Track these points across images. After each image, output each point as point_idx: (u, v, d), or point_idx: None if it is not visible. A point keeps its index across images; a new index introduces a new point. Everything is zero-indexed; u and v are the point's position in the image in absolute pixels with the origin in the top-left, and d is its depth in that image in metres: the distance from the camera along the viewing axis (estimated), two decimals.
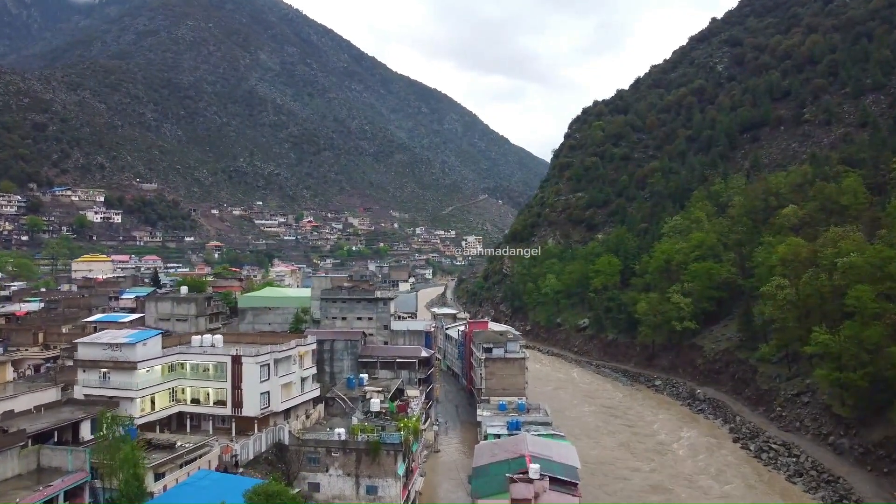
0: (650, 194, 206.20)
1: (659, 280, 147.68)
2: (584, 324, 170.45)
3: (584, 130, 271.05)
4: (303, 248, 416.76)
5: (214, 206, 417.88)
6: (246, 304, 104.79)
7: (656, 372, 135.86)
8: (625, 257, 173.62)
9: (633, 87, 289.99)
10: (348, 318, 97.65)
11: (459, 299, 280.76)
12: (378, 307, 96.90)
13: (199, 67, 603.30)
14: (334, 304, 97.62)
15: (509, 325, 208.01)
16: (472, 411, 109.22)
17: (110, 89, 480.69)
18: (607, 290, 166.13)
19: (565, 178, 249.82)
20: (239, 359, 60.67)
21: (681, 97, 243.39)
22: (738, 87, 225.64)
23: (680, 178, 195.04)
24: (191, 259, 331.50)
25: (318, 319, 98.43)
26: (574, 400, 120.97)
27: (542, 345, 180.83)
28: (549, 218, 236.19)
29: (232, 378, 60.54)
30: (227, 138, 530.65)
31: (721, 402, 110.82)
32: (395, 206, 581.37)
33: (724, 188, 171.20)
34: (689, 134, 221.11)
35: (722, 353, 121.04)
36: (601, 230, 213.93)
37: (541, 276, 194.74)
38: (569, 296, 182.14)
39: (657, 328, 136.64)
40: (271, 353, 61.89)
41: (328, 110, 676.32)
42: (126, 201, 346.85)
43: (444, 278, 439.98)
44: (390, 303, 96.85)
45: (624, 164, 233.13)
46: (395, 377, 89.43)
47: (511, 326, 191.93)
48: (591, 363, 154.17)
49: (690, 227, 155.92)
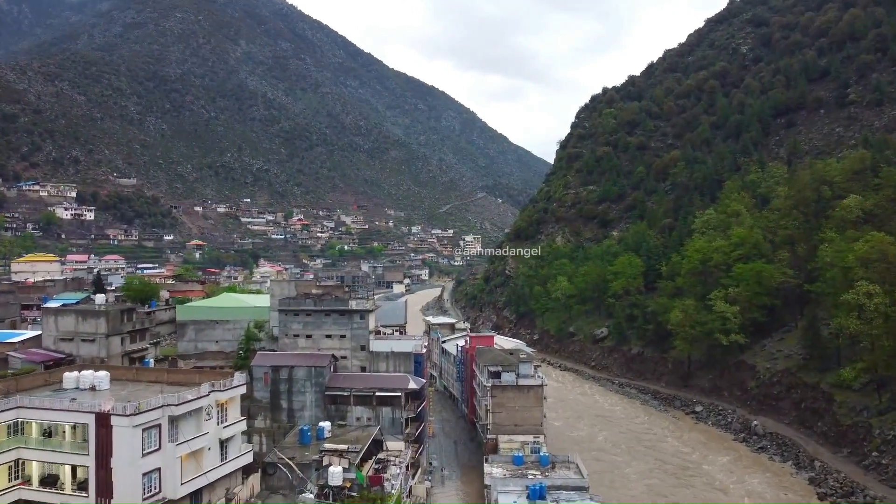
0: (672, 186, 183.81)
1: (693, 284, 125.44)
2: (601, 333, 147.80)
3: (594, 119, 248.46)
4: (292, 248, 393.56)
5: (198, 202, 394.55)
6: (186, 317, 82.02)
7: (695, 394, 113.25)
8: (647, 257, 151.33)
9: (645, 73, 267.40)
10: (315, 337, 74.92)
11: (458, 303, 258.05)
12: (353, 322, 74.20)
13: (188, 60, 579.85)
14: (296, 317, 74.88)
15: (513, 332, 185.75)
16: (475, 449, 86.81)
17: (91, 81, 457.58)
18: (629, 294, 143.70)
19: (574, 170, 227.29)
20: (106, 418, 37.90)
21: (701, 81, 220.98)
22: (768, 69, 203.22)
23: (706, 168, 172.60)
24: (169, 259, 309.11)
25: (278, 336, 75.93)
26: (597, 429, 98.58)
27: (552, 357, 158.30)
28: (556, 213, 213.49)
29: (97, 449, 37.86)
30: (215, 133, 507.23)
31: (787, 438, 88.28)
32: (391, 204, 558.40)
33: (763, 178, 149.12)
34: (714, 120, 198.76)
35: (781, 374, 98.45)
36: (616, 227, 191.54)
37: (550, 278, 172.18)
38: (583, 301, 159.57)
39: (694, 341, 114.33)
40: (164, 407, 39.16)
41: (321, 105, 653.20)
42: (101, 197, 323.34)
43: (441, 279, 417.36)
44: (369, 316, 74.14)
45: (640, 154, 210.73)
46: (373, 418, 66.89)
47: (518, 339, 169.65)
48: (612, 381, 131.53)
49: (728, 221, 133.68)
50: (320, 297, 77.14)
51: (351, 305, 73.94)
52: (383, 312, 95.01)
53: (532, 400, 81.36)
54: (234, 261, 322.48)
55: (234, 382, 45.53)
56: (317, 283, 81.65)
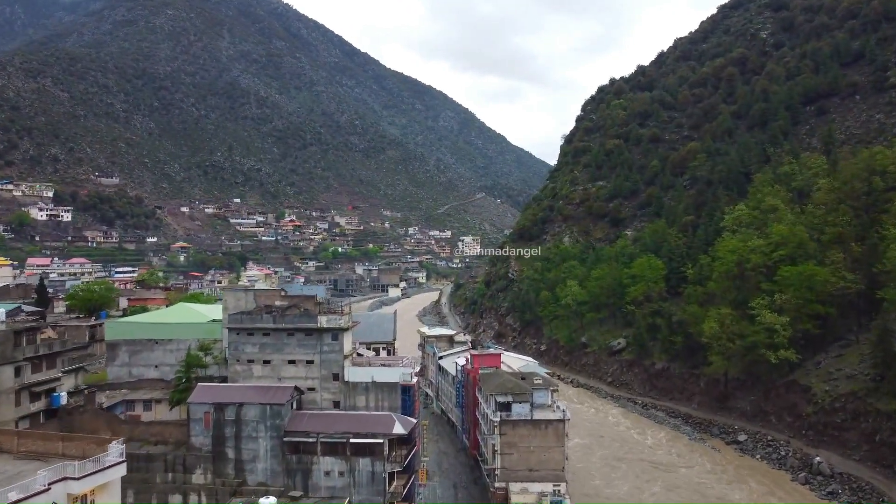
0: (691, 180, 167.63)
1: (727, 289, 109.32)
2: (619, 345, 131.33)
3: (602, 111, 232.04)
4: (283, 250, 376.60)
5: (185, 203, 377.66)
6: (117, 336, 65.46)
7: (735, 419, 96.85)
8: (668, 258, 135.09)
9: (655, 63, 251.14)
10: (274, 363, 58.46)
11: (456, 308, 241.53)
12: (323, 344, 57.75)
13: (178, 58, 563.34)
14: (251, 338, 58.41)
15: (518, 342, 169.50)
16: (480, 495, 70.38)
17: (76, 78, 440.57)
18: (650, 301, 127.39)
19: (582, 165, 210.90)
20: None
21: (718, 69, 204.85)
22: (792, 54, 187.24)
23: (731, 161, 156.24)
24: (151, 262, 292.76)
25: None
26: (619, 461, 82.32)
27: (562, 370, 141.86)
28: (563, 212, 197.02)
29: None
30: (205, 131, 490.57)
31: (862, 480, 72.03)
32: (387, 205, 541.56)
33: (798, 169, 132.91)
34: (735, 109, 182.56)
35: (845, 398, 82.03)
36: (630, 225, 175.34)
37: (558, 282, 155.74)
38: (596, 308, 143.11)
39: (733, 357, 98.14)
40: None
41: (316, 104, 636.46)
42: (80, 197, 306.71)
43: (439, 281, 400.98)
44: (344, 336, 57.70)
45: (653, 147, 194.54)
46: (347, 472, 50.58)
47: (523, 349, 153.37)
48: (633, 400, 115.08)
49: (763, 218, 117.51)
50: (284, 312, 60.66)
51: (320, 322, 57.40)
52: (367, 326, 78.53)
53: (551, 438, 65.19)
54: (221, 264, 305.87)
55: (107, 460, 28.91)
56: (281, 293, 65.06)
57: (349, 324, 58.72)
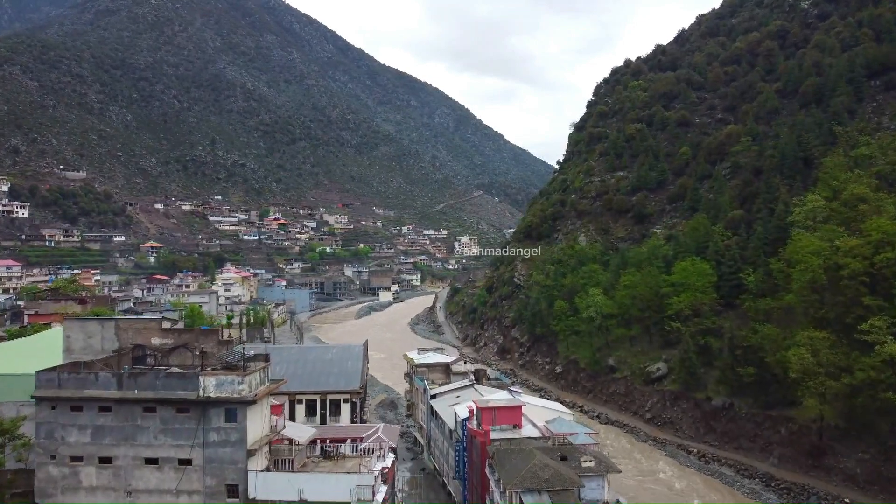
0: (733, 168, 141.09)
1: (811, 303, 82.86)
2: (658, 371, 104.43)
3: (619, 92, 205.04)
4: (266, 250, 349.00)
5: (160, 199, 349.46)
6: None
7: (839, 485, 70.11)
8: (716, 262, 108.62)
9: (676, 41, 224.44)
10: (120, 462, 31.47)
11: (453, 317, 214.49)
12: (208, 429, 30.80)
13: (161, 48, 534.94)
14: (77, 416, 31.37)
15: (526, 361, 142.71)
16: None
17: (48, 67, 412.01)
18: (699, 315, 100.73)
19: (597, 154, 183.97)
20: None
21: (753, 43, 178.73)
22: (844, 24, 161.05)
23: (784, 144, 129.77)
24: (117, 263, 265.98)
25: None
26: None
27: (583, 399, 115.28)
28: (577, 207, 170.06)
29: None
30: (186, 124, 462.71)
31: None
32: (379, 203, 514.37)
33: (879, 150, 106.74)
34: (779, 87, 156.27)
35: None
36: (658, 222, 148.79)
37: (577, 289, 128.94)
38: (626, 323, 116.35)
39: (834, 399, 71.76)
40: None
41: (306, 98, 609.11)
42: (40, 192, 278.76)
43: (434, 284, 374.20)
44: (251, 412, 30.58)
45: (682, 132, 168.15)
46: None
47: (534, 368, 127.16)
48: (685, 448, 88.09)
49: (848, 213, 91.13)
50: (157, 361, 33.70)
51: (203, 388, 30.34)
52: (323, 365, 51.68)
53: None
54: (194, 265, 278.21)
55: None
56: (160, 326, 37.98)
57: (259, 389, 31.68)
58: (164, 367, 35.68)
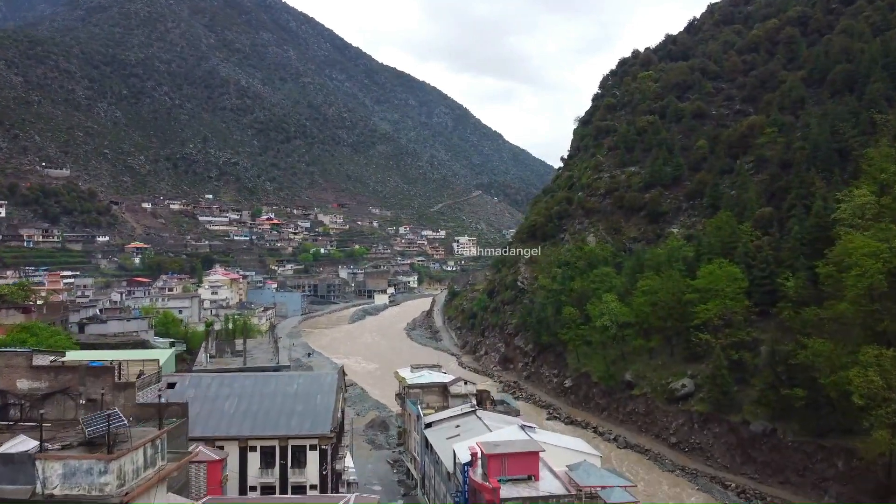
0: (757, 162, 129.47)
1: (868, 313, 71.05)
2: (683, 388, 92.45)
3: (628, 84, 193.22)
4: (258, 251, 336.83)
5: (148, 198, 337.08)
6: None
7: None
8: (747, 265, 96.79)
9: (688, 30, 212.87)
10: None
11: (451, 322, 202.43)
12: None
13: (153, 44, 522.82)
14: None
15: (531, 373, 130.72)
16: None
17: (34, 62, 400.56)
18: (731, 326, 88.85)
19: (606, 148, 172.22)
20: None
21: (772, 31, 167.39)
22: (872, 7, 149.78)
23: (815, 135, 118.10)
24: (100, 265, 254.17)
25: None
26: None
27: (597, 419, 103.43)
28: (585, 205, 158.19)
29: None
30: (178, 122, 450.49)
31: None
32: (376, 203, 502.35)
33: None
34: (804, 75, 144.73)
35: None
36: (675, 221, 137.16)
37: (588, 295, 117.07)
38: (645, 333, 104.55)
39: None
40: None
41: (302, 96, 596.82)
42: (19, 190, 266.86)
43: (431, 286, 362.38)
44: None
45: (698, 124, 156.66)
46: None
47: (539, 380, 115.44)
48: (719, 480, 76.20)
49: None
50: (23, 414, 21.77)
51: (43, 477, 18.26)
52: (284, 401, 39.73)
53: None
54: (181, 267, 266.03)
55: None
56: (29, 362, 25.97)
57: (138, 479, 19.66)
58: (34, 424, 23.96)
